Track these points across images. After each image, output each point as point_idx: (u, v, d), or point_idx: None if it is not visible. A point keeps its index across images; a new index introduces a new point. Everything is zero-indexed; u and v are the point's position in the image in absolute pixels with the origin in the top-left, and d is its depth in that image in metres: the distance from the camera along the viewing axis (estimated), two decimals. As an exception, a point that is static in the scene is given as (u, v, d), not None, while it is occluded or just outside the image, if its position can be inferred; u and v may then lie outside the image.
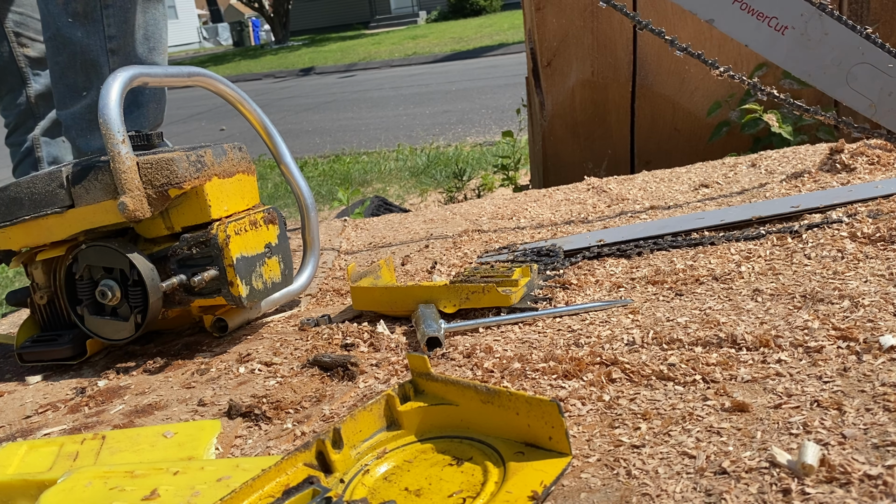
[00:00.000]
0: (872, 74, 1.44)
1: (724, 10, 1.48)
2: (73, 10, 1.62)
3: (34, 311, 1.24)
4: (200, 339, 1.25)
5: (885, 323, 0.81)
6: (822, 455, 0.58)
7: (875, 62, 1.43)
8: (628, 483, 0.61)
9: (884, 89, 1.44)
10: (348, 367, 0.97)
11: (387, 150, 5.83)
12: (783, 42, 1.47)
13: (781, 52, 1.47)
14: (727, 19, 1.49)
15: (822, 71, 1.46)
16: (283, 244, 1.23)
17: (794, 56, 1.47)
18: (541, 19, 2.66)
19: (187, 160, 1.08)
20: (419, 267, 1.46)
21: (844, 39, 1.43)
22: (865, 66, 1.44)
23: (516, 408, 0.67)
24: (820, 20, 1.44)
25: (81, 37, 1.64)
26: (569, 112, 2.71)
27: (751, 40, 1.48)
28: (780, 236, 1.19)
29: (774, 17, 1.46)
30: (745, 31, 1.48)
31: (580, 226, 1.58)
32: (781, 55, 1.48)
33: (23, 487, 0.73)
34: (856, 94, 1.46)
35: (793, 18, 1.45)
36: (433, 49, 14.23)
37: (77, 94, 1.68)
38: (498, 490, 0.61)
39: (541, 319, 1.04)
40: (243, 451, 0.82)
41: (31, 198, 1.13)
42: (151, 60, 1.72)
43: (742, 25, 1.48)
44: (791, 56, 1.47)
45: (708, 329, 0.88)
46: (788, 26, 1.46)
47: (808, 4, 1.44)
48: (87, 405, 1.03)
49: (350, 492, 0.64)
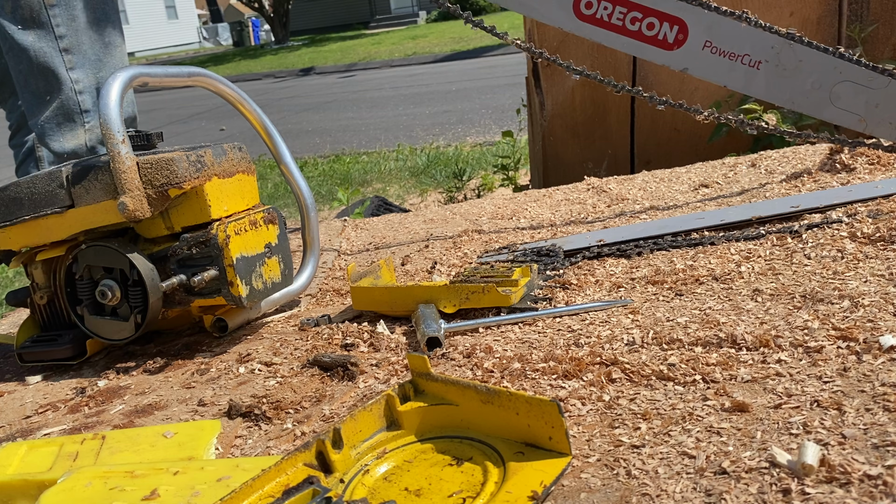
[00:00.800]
0: (855, 90, 1.44)
1: (695, 57, 1.50)
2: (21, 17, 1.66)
3: (34, 311, 1.24)
4: (200, 339, 1.25)
5: (885, 323, 0.81)
6: (822, 455, 0.58)
7: (855, 78, 1.44)
8: (628, 483, 0.61)
9: (869, 102, 1.44)
10: (348, 367, 0.97)
11: (387, 150, 5.83)
12: (760, 76, 1.48)
13: (761, 87, 1.49)
14: (700, 66, 1.51)
15: (804, 97, 1.47)
16: (283, 244, 1.23)
17: (774, 87, 1.48)
18: (541, 19, 2.66)
19: (187, 160, 1.08)
20: (419, 267, 1.46)
21: (819, 62, 1.44)
22: (846, 84, 1.45)
23: (516, 408, 0.67)
24: (791, 49, 1.45)
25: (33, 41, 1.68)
26: (569, 112, 2.71)
27: (728, 81, 1.50)
28: (780, 236, 1.19)
29: (746, 54, 1.47)
30: (720, 74, 1.50)
31: (580, 226, 1.58)
32: (761, 89, 1.49)
33: (23, 487, 0.73)
34: (843, 113, 1.47)
35: (764, 52, 1.47)
36: (433, 49, 14.23)
37: (42, 100, 1.72)
38: (498, 490, 0.61)
39: (541, 319, 1.04)
40: (243, 451, 0.82)
41: (31, 198, 1.13)
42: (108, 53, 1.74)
43: (716, 68, 1.50)
44: (771, 88, 1.48)
45: (708, 329, 0.88)
46: (762, 60, 1.47)
47: (776, 36, 1.45)
48: (87, 405, 1.03)
49: (350, 492, 0.64)
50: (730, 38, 1.47)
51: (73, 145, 1.73)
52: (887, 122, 1.45)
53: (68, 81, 1.72)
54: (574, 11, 1.53)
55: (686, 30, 1.49)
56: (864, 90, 1.43)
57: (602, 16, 1.52)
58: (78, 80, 1.73)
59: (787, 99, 1.48)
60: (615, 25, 1.52)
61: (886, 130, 1.45)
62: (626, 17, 1.51)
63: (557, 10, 1.54)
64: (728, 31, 1.46)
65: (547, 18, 1.58)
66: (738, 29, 1.46)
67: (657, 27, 1.50)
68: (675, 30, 1.49)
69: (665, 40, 1.50)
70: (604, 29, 1.53)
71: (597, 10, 1.52)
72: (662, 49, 1.50)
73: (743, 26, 1.45)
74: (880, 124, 1.45)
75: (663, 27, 1.50)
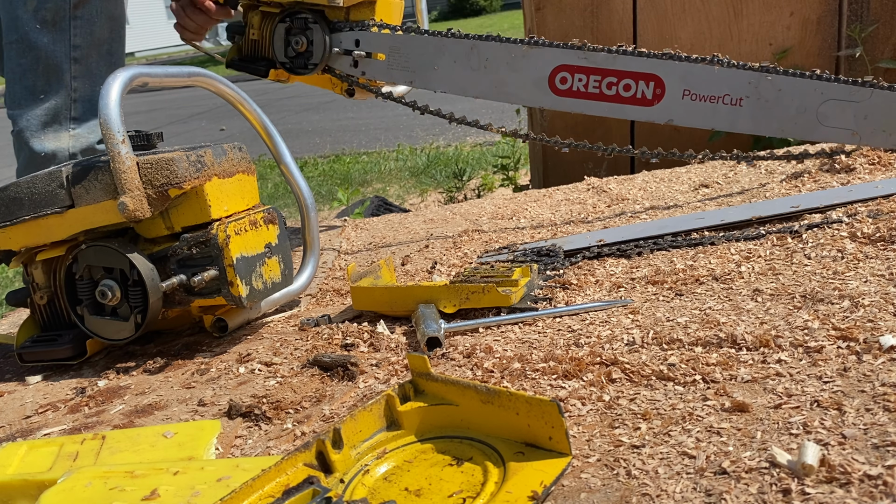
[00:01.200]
0: (840, 107, 1.45)
1: (677, 107, 1.52)
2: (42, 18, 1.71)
3: (34, 311, 1.24)
4: (200, 339, 1.25)
5: (885, 323, 0.81)
6: (822, 455, 0.58)
7: (837, 96, 1.44)
8: (628, 483, 0.61)
9: (857, 115, 1.45)
10: (348, 367, 0.97)
11: (387, 150, 5.82)
12: (744, 112, 1.49)
13: (747, 122, 1.50)
14: (683, 114, 1.52)
15: (792, 123, 1.48)
16: (283, 244, 1.23)
17: (761, 120, 1.49)
18: (541, 19, 2.66)
19: (187, 160, 1.08)
20: (419, 267, 1.46)
21: (799, 87, 1.45)
22: (831, 103, 1.45)
23: (516, 408, 0.67)
24: (768, 80, 1.46)
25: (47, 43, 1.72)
26: (569, 112, 2.71)
27: (714, 123, 1.51)
28: (780, 236, 1.19)
29: (725, 94, 1.49)
30: (705, 118, 1.52)
31: (580, 226, 1.58)
32: (748, 124, 1.50)
33: (23, 487, 0.73)
34: (834, 131, 1.47)
35: (743, 89, 1.48)
36: (433, 49, 14.20)
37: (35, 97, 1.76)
38: (498, 490, 0.61)
39: (541, 319, 1.04)
40: (243, 451, 0.82)
41: (31, 198, 1.13)
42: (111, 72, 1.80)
43: (699, 114, 1.51)
44: (757, 122, 1.49)
45: (708, 329, 0.88)
46: (742, 97, 1.48)
47: (750, 72, 1.46)
48: (87, 405, 1.03)
49: (350, 492, 0.64)
50: (706, 83, 1.49)
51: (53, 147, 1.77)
52: (880, 130, 1.45)
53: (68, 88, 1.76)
54: (551, 89, 1.57)
55: (662, 84, 1.51)
56: (850, 105, 1.44)
57: (578, 88, 1.56)
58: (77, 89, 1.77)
59: (776, 129, 1.49)
60: (592, 94, 1.55)
61: (881, 139, 1.46)
62: (601, 83, 1.54)
63: (535, 91, 1.58)
64: (703, 77, 1.49)
65: (527, 101, 1.63)
66: (712, 73, 1.48)
67: (634, 87, 1.53)
68: (651, 86, 1.52)
69: (644, 97, 1.53)
70: (582, 99, 1.56)
71: (572, 83, 1.56)
72: (643, 106, 1.53)
73: (716, 69, 1.47)
74: (874, 134, 1.46)
75: (640, 86, 1.52)
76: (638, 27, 2.57)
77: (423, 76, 1.65)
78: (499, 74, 1.58)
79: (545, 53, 1.55)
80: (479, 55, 1.59)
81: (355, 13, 1.69)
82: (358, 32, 1.67)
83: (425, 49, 1.62)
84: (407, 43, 1.63)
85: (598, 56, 1.52)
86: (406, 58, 1.64)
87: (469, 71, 1.60)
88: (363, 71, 1.69)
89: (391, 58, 1.66)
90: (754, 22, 2.47)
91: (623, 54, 1.51)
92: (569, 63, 1.54)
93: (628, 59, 1.51)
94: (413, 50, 1.63)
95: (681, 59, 1.48)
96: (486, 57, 1.59)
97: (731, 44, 2.51)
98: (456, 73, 1.62)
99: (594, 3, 2.59)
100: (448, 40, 1.60)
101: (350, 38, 1.67)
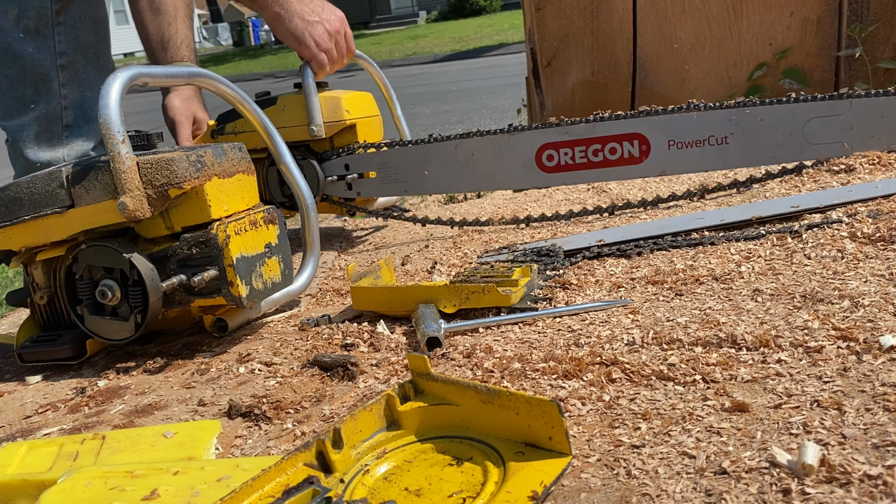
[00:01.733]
0: (824, 123, 1.46)
1: (665, 159, 1.54)
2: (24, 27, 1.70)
3: (34, 311, 1.24)
4: (200, 339, 1.25)
5: (885, 323, 0.81)
6: (822, 455, 0.58)
7: (818, 113, 1.46)
8: (628, 483, 0.61)
9: (843, 127, 1.47)
10: (348, 367, 0.97)
11: (387, 150, 5.81)
12: (732, 149, 1.51)
13: (738, 157, 1.51)
14: (673, 163, 1.55)
15: (781, 148, 1.49)
16: (283, 244, 1.23)
17: (750, 152, 1.51)
18: (541, 19, 2.66)
19: (187, 160, 1.08)
20: (419, 267, 1.46)
21: (779, 114, 1.47)
22: (813, 121, 1.46)
23: (516, 408, 0.67)
24: (748, 113, 1.48)
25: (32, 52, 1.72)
26: (569, 112, 2.71)
27: (705, 165, 1.53)
28: (780, 236, 1.19)
29: (710, 135, 1.51)
30: (696, 163, 1.54)
31: (580, 226, 1.58)
32: (739, 159, 1.52)
33: (23, 487, 0.73)
34: (824, 147, 1.49)
35: (725, 127, 1.50)
36: (433, 49, 14.23)
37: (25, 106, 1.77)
38: (498, 490, 0.61)
39: (541, 319, 1.04)
40: (243, 451, 0.82)
41: (31, 198, 1.13)
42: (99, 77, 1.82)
43: (689, 160, 1.53)
44: (747, 154, 1.51)
45: (708, 329, 0.88)
46: (726, 134, 1.50)
47: (728, 110, 1.49)
48: (87, 405, 1.03)
49: (350, 492, 0.64)
50: (688, 130, 1.52)
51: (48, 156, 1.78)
52: (868, 136, 1.47)
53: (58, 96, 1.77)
54: (540, 168, 1.61)
55: (646, 140, 1.54)
56: (833, 119, 1.46)
57: (565, 161, 1.59)
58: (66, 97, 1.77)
59: (767, 157, 1.51)
60: (581, 164, 1.59)
61: (872, 144, 1.48)
62: (587, 152, 1.58)
63: (526, 173, 1.62)
64: (684, 125, 1.52)
65: (520, 184, 1.67)
66: (691, 119, 1.51)
67: (620, 149, 1.56)
68: (636, 144, 1.55)
69: (632, 157, 1.56)
70: (571, 171, 1.60)
71: (559, 158, 1.60)
72: (633, 165, 1.56)
73: (695, 115, 1.50)
74: (864, 141, 1.48)
75: (625, 146, 1.56)
76: (638, 27, 2.57)
77: (415, 184, 1.71)
78: (487, 166, 1.64)
79: (526, 137, 1.61)
80: (464, 152, 1.65)
81: (339, 140, 1.76)
82: (346, 157, 1.74)
83: (412, 158, 1.69)
84: (394, 156, 1.71)
85: (577, 128, 1.57)
86: (396, 170, 1.71)
87: (458, 168, 1.66)
88: (358, 192, 1.75)
89: (382, 173, 1.72)
90: (754, 22, 2.47)
91: (600, 121, 1.56)
92: (551, 141, 1.60)
93: (607, 125, 1.56)
94: (401, 162, 1.70)
95: (658, 113, 1.53)
96: (470, 152, 1.65)
97: (731, 44, 2.51)
98: (446, 173, 1.68)
99: (594, 3, 2.59)
100: (432, 145, 1.67)
101: (339, 164, 1.74)
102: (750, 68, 2.50)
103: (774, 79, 2.47)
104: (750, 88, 2.50)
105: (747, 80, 2.51)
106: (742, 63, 2.51)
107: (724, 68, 2.53)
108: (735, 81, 2.53)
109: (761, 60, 2.49)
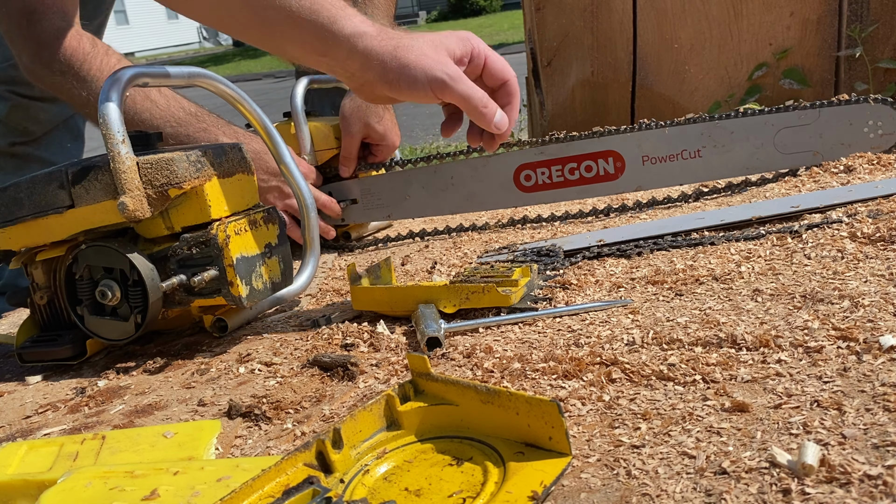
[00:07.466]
0: (794, 133, 1.50)
1: (641, 174, 1.57)
2: None
3: (34, 311, 1.24)
4: (200, 339, 1.25)
5: (885, 323, 0.81)
6: (822, 455, 0.58)
7: (788, 124, 1.50)
8: (628, 483, 0.61)
9: (812, 136, 1.50)
10: (348, 367, 0.97)
11: (387, 150, 5.81)
12: (706, 161, 1.54)
13: (714, 169, 1.55)
14: (649, 178, 1.58)
15: (755, 159, 1.52)
16: (282, 244, 1.23)
17: (725, 164, 1.54)
18: (541, 19, 2.66)
19: (187, 160, 1.08)
20: (419, 267, 1.46)
21: (749, 126, 1.50)
22: (783, 132, 1.50)
23: (516, 408, 0.66)
24: (717, 127, 1.51)
25: None
26: (569, 112, 2.71)
27: (681, 179, 1.56)
28: (780, 236, 1.19)
29: (683, 149, 1.54)
30: (672, 177, 1.57)
31: (580, 226, 1.58)
32: (715, 171, 1.55)
33: (23, 487, 0.73)
34: (796, 156, 1.52)
35: (697, 141, 1.53)
36: (433, 49, 14.19)
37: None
38: (498, 490, 0.61)
39: (541, 319, 1.04)
40: (243, 451, 0.82)
41: (31, 198, 1.13)
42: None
43: (665, 174, 1.57)
44: (722, 166, 1.54)
45: (708, 329, 0.88)
46: (699, 148, 1.54)
47: (698, 124, 1.52)
48: (87, 405, 1.03)
49: (350, 492, 0.64)
50: (661, 145, 1.55)
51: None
52: (838, 144, 1.50)
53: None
54: (518, 188, 1.66)
55: (620, 157, 1.58)
56: (802, 128, 1.49)
57: (542, 181, 1.64)
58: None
59: (741, 168, 1.54)
60: (558, 183, 1.64)
61: (842, 151, 1.51)
62: (563, 171, 1.62)
63: (504, 193, 1.66)
64: (657, 140, 1.55)
65: (499, 204, 1.71)
66: (663, 135, 1.54)
67: (595, 166, 1.60)
68: (611, 161, 1.59)
69: (607, 173, 1.60)
70: (549, 190, 1.64)
71: (536, 178, 1.64)
72: (609, 181, 1.61)
73: (667, 131, 1.54)
74: (833, 149, 1.51)
75: (600, 164, 1.60)
76: (638, 27, 2.57)
77: (398, 208, 1.77)
78: (466, 187, 1.69)
79: (504, 158, 1.65)
80: (443, 175, 1.70)
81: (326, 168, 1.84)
82: (330, 185, 1.80)
83: (394, 184, 1.76)
84: (375, 183, 1.78)
85: (551, 148, 1.61)
86: (378, 196, 1.78)
87: (438, 192, 1.71)
88: (343, 218, 1.81)
89: (365, 200, 1.79)
90: (754, 22, 2.47)
91: (573, 140, 1.60)
92: (528, 161, 1.64)
93: (581, 144, 1.59)
94: (383, 188, 1.76)
95: (631, 131, 1.56)
96: (450, 175, 1.69)
97: (731, 44, 2.51)
98: (427, 197, 1.73)
99: (594, 3, 2.59)
100: (412, 171, 1.74)
101: (324, 192, 1.79)
102: (750, 68, 2.50)
103: (774, 79, 2.47)
104: (750, 88, 2.50)
105: (747, 80, 2.51)
106: (742, 63, 2.51)
107: (724, 68, 2.53)
108: (735, 81, 2.53)
109: (761, 60, 2.49)
